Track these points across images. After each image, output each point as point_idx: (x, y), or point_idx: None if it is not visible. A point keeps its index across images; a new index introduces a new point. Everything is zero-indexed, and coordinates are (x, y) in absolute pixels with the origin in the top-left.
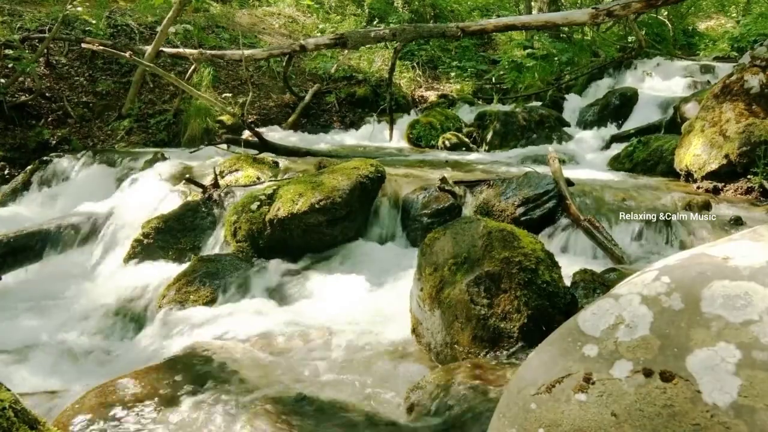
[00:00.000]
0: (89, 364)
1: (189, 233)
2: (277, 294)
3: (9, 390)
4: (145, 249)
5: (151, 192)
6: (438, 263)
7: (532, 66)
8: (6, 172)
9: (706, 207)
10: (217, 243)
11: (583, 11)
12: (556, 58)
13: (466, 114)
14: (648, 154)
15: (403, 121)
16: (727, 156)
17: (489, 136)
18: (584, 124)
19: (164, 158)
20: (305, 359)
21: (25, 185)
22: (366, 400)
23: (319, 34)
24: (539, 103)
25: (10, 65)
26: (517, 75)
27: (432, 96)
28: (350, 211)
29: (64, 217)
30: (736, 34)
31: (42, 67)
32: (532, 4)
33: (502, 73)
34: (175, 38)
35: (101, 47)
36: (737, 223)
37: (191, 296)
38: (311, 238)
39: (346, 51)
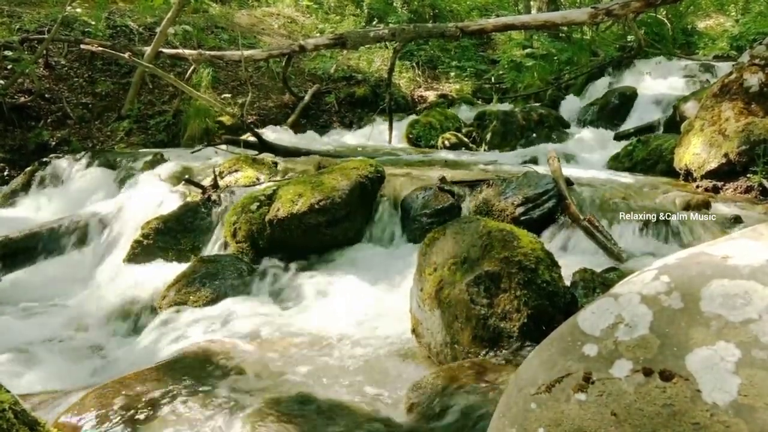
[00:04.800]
0: (89, 366)
1: (189, 234)
2: (277, 294)
3: (8, 391)
4: (145, 250)
5: (150, 193)
6: (438, 263)
7: (531, 66)
8: (5, 173)
9: (705, 206)
10: (216, 244)
11: (582, 11)
12: (555, 58)
13: (466, 114)
14: (647, 154)
15: (403, 121)
16: (726, 155)
17: (488, 136)
18: (584, 124)
19: (164, 159)
20: (305, 359)
21: (25, 186)
22: (366, 399)
23: (318, 35)
24: (538, 103)
25: (9, 66)
26: (516, 75)
27: (431, 96)
28: (350, 211)
29: (63, 218)
30: (735, 33)
31: (41, 69)
32: (531, 3)
33: (501, 72)
34: (174, 39)
35: (100, 48)
36: (737, 221)
37: (191, 297)
38: (311, 239)
39: (345, 51)
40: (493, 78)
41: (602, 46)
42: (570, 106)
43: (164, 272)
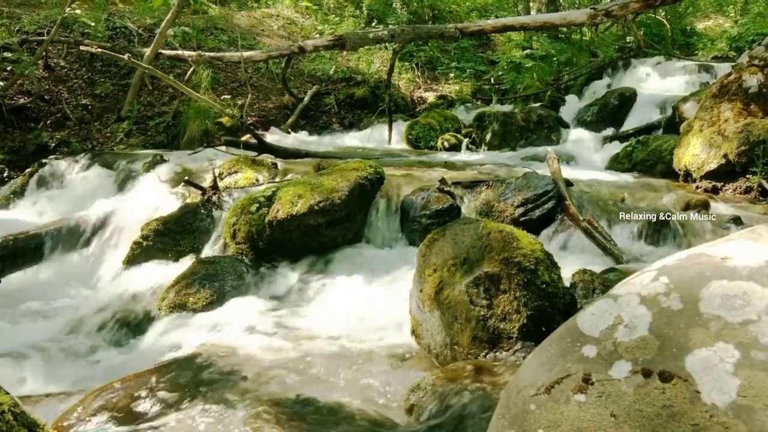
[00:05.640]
0: (89, 367)
1: (188, 235)
2: (277, 295)
3: (8, 393)
4: (145, 251)
5: (150, 194)
6: (437, 264)
7: (530, 66)
8: (5, 174)
9: (705, 207)
10: (216, 245)
11: (581, 12)
12: (554, 59)
13: (465, 115)
14: (647, 154)
15: (403, 122)
16: (725, 156)
17: (488, 137)
18: (583, 125)
19: (163, 160)
20: (305, 361)
21: (24, 188)
22: (366, 401)
23: (317, 36)
24: (538, 104)
25: (8, 68)
26: (515, 75)
27: (431, 97)
28: (349, 212)
29: (63, 219)
30: (734, 34)
31: (41, 70)
32: (531, 4)
33: (500, 73)
34: (173, 40)
35: (100, 49)
36: (736, 222)
37: (191, 298)
38: (310, 240)
39: (344, 52)
40: (492, 79)
41: (601, 47)
42: (569, 106)
43: (164, 273)
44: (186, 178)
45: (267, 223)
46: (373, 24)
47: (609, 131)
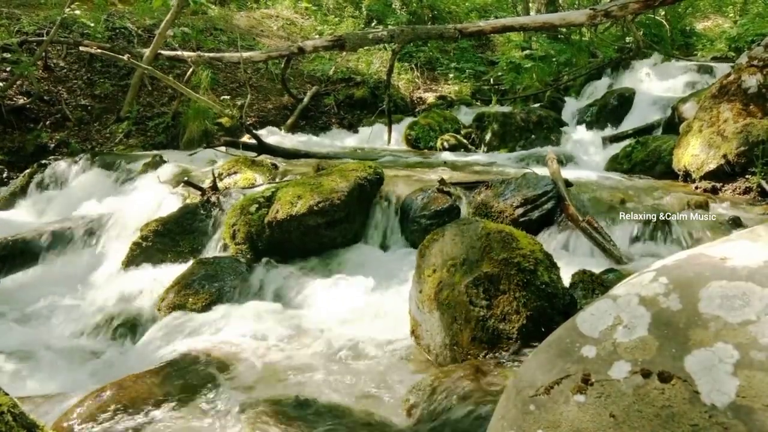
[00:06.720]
0: (88, 368)
1: (188, 236)
2: (277, 296)
3: (7, 394)
4: (144, 252)
5: (149, 195)
6: (437, 265)
7: (530, 67)
8: (4, 175)
9: (704, 207)
10: (216, 245)
11: (580, 12)
12: (554, 59)
13: (465, 115)
14: (646, 155)
15: (402, 123)
16: (725, 156)
17: (487, 137)
18: (582, 125)
19: (163, 161)
20: (304, 361)
21: (24, 189)
22: (365, 401)
23: (317, 36)
24: (537, 104)
25: (8, 68)
26: (515, 76)
27: (430, 97)
28: (349, 213)
29: (62, 220)
30: (733, 34)
31: (40, 70)
32: (530, 5)
33: (500, 74)
34: (173, 41)
35: (99, 50)
36: (735, 223)
37: (190, 299)
38: (310, 240)
39: (344, 53)
40: (492, 79)
41: (601, 48)
42: (569, 107)
43: (163, 274)
44: (185, 178)
45: (266, 223)
46: (373, 24)
47: (608, 131)
